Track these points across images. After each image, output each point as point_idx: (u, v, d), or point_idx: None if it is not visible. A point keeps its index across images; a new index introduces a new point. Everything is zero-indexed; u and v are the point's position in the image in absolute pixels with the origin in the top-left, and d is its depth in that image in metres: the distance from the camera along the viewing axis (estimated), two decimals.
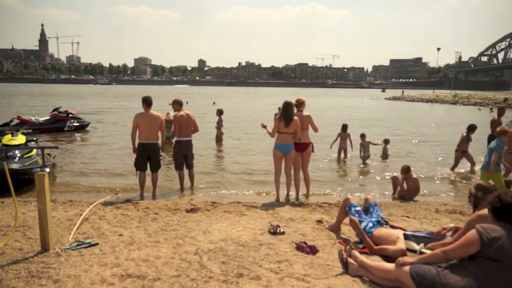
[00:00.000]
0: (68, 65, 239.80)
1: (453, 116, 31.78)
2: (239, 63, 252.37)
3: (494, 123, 9.91)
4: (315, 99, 47.99)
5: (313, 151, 6.96)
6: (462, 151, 9.80)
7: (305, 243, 4.19)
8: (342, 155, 11.30)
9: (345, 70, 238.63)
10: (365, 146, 10.89)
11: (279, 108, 8.21)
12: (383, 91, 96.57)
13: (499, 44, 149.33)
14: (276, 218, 5.35)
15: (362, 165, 10.53)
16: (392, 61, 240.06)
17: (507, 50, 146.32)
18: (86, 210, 5.51)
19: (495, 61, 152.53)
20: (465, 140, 9.81)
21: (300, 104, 6.77)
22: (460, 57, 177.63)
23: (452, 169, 9.87)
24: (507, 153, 7.77)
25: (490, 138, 10.64)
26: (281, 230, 4.62)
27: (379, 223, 4.38)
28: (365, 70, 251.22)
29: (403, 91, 71.44)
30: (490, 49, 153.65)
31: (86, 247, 4.11)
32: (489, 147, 6.81)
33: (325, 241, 4.43)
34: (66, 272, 3.49)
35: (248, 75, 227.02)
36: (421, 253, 3.51)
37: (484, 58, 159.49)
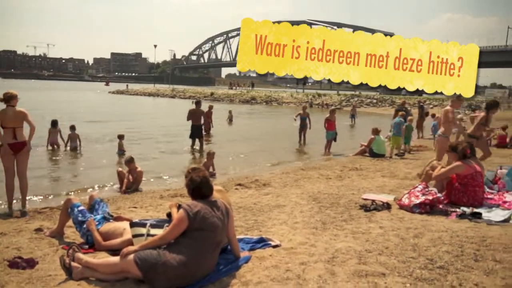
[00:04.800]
0: None
1: (175, 108, 34.87)
2: None
3: (204, 113, 13.02)
4: (33, 93, 41.68)
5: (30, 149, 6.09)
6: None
7: (20, 257, 3.68)
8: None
9: (64, 61, 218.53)
10: (72, 137, 11.88)
11: None
12: (107, 84, 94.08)
13: (204, 46, 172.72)
14: None
15: (78, 153, 11.45)
16: (113, 54, 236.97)
17: (210, 51, 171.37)
18: None
19: (202, 60, 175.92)
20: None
21: (10, 98, 5.76)
22: (174, 55, 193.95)
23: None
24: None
25: (193, 128, 12.16)
26: None
27: (105, 219, 4.36)
28: (86, 62, 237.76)
29: (127, 85, 72.18)
30: (198, 50, 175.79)
31: None
32: (396, 123, 11.47)
33: (46, 250, 4.03)
34: None
35: None
36: (148, 235, 3.64)
37: (194, 57, 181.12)
